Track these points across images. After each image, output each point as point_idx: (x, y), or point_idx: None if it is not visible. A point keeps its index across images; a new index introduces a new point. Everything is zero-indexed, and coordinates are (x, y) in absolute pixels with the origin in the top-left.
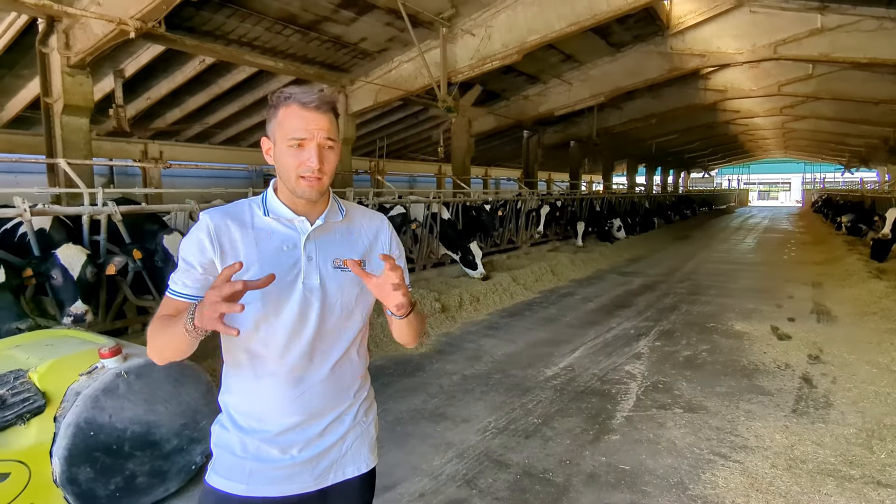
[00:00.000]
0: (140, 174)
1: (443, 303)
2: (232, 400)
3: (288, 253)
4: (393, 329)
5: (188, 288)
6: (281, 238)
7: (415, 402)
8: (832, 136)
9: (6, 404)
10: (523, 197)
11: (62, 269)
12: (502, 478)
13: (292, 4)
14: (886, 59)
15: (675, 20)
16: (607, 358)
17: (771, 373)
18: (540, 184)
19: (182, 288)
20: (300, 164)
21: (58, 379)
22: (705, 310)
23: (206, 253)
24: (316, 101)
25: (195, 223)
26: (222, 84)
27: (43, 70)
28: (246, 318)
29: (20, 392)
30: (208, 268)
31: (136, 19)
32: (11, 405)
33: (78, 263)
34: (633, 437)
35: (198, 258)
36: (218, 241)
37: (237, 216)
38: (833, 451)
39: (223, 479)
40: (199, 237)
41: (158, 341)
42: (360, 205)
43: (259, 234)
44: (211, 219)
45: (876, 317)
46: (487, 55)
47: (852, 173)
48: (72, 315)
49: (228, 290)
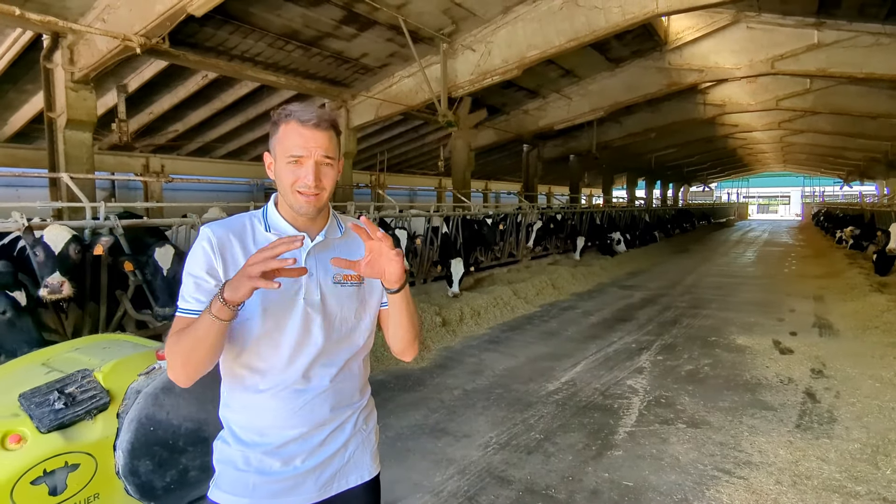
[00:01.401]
0: (142, 188)
1: (443, 317)
2: (233, 415)
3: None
4: (390, 329)
5: (202, 304)
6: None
7: (416, 418)
8: (831, 149)
9: (76, 401)
10: (523, 210)
11: (44, 245)
12: (504, 494)
13: (294, 21)
14: (883, 73)
15: (673, 36)
16: (609, 372)
17: (774, 387)
18: (540, 197)
19: (195, 304)
20: (297, 181)
21: (119, 378)
22: (707, 323)
23: (210, 261)
24: (315, 119)
25: (197, 236)
26: (224, 98)
27: (47, 85)
28: (247, 334)
29: (88, 390)
30: (213, 273)
31: (140, 35)
32: (80, 402)
33: (62, 240)
34: (636, 452)
35: (205, 268)
36: (220, 253)
37: (238, 231)
38: (838, 467)
39: (226, 493)
40: (202, 247)
41: (182, 349)
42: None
43: (259, 249)
44: (213, 231)
45: (878, 331)
46: (487, 70)
47: (851, 187)
48: (48, 286)
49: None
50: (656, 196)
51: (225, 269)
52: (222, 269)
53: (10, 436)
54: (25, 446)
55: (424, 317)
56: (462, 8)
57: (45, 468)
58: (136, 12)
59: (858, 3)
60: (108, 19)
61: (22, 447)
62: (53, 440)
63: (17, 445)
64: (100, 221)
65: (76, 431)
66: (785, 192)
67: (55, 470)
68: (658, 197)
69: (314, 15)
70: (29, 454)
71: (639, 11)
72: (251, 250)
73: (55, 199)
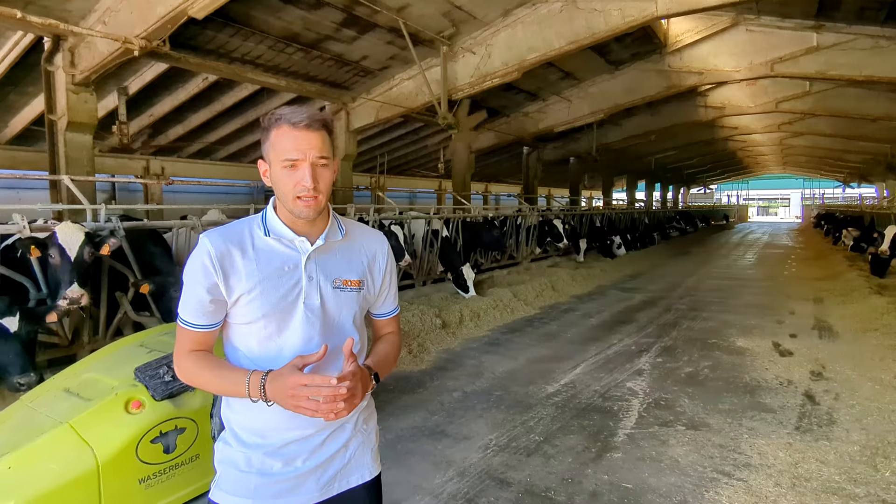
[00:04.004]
0: (142, 190)
1: (443, 319)
2: (235, 416)
3: (289, 273)
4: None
5: (202, 318)
6: (282, 258)
7: (415, 420)
8: (830, 152)
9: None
10: (523, 213)
11: (60, 248)
12: (504, 497)
13: (295, 24)
14: (882, 76)
15: (673, 39)
16: (609, 374)
17: (773, 389)
18: (540, 199)
19: (196, 319)
20: (295, 185)
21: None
22: (706, 326)
23: (210, 277)
24: (306, 120)
25: (195, 247)
26: (225, 101)
27: (48, 87)
28: (249, 337)
29: None
30: (213, 291)
31: (141, 38)
32: None
33: (76, 243)
34: (636, 454)
35: (204, 284)
36: (220, 265)
37: (237, 238)
38: (837, 469)
39: (228, 494)
40: (202, 262)
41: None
42: (360, 222)
43: (259, 254)
44: (211, 242)
45: (878, 333)
46: (488, 73)
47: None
48: (68, 298)
49: (319, 393)
50: (656, 198)
51: (226, 279)
52: (223, 282)
53: (133, 402)
54: (144, 411)
55: (424, 319)
56: (462, 11)
57: (161, 430)
58: (136, 15)
59: (857, 6)
60: (109, 22)
61: (141, 412)
62: (165, 407)
63: (138, 410)
64: (101, 224)
65: (182, 400)
66: (785, 194)
67: (168, 432)
68: (658, 199)
69: (315, 18)
70: (147, 417)
71: (638, 14)
72: (251, 257)
73: (56, 201)
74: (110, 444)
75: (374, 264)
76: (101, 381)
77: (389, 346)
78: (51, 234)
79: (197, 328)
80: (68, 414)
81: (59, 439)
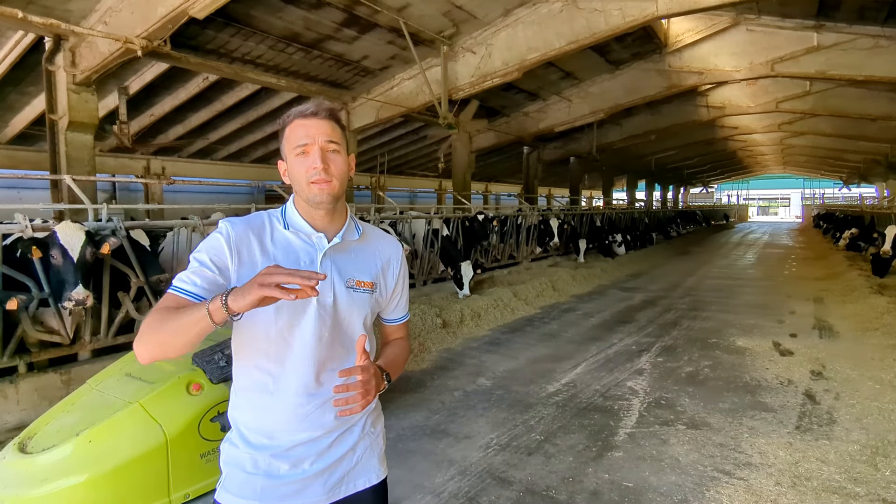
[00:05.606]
0: (142, 190)
1: (444, 318)
2: (242, 417)
3: (305, 269)
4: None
5: (197, 287)
6: (299, 253)
7: (416, 419)
8: (830, 151)
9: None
10: (524, 212)
11: (62, 249)
12: (505, 495)
13: (295, 24)
14: (882, 76)
15: (673, 38)
16: (609, 374)
17: (774, 389)
18: (540, 199)
19: (190, 286)
20: (307, 170)
21: None
22: (707, 325)
23: (223, 257)
24: (313, 108)
25: (215, 229)
26: (225, 101)
27: (49, 87)
28: (260, 335)
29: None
30: (223, 270)
31: (141, 38)
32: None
33: (78, 243)
34: (637, 453)
35: (214, 259)
36: (237, 250)
37: (257, 228)
38: (838, 468)
39: (234, 496)
40: (218, 241)
41: (164, 331)
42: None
43: (277, 247)
44: (232, 227)
45: (878, 332)
46: (488, 73)
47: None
48: (73, 300)
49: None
50: (656, 198)
51: (239, 264)
52: (236, 265)
53: (194, 384)
54: (203, 393)
55: (425, 318)
56: (462, 10)
57: (219, 410)
58: (137, 15)
59: (858, 6)
60: (109, 22)
61: (201, 393)
62: (221, 389)
63: (198, 392)
64: (102, 223)
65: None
66: (785, 194)
67: (224, 412)
68: (658, 199)
69: (315, 18)
70: (206, 398)
71: (638, 14)
72: (268, 248)
73: (56, 201)
74: (176, 422)
75: (388, 268)
76: (160, 366)
77: (399, 350)
78: (51, 234)
79: (187, 295)
80: (136, 395)
81: (131, 417)
